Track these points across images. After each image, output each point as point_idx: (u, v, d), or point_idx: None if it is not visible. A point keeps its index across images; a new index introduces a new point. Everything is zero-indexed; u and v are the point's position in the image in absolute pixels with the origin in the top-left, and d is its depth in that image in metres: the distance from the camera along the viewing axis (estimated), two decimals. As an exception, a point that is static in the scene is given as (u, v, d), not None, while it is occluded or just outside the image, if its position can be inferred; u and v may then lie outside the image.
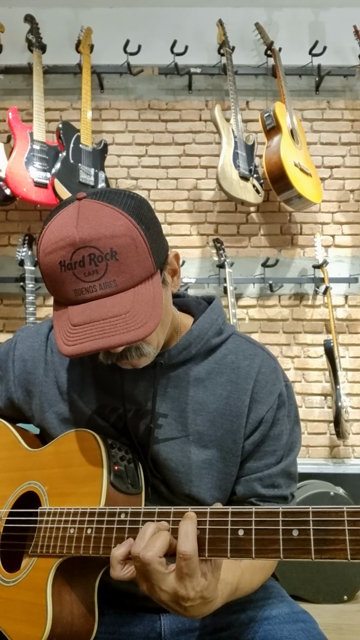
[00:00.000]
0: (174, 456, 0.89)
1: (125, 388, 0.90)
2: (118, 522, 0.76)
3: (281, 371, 0.96)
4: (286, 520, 0.64)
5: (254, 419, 0.90)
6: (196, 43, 2.82)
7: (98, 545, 0.76)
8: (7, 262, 2.83)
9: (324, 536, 0.61)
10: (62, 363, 0.95)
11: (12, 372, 0.98)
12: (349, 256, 2.89)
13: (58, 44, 2.82)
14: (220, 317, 0.96)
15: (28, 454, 0.94)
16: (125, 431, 0.91)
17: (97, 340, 0.71)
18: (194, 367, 0.92)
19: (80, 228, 0.73)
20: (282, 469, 0.91)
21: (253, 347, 0.96)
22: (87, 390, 0.93)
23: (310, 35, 2.91)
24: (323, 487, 2.37)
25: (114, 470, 0.83)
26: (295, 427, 0.94)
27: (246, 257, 2.89)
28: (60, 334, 0.75)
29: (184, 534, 0.67)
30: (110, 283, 0.73)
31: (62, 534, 0.80)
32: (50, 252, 0.74)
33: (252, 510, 0.66)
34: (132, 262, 0.74)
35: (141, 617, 0.94)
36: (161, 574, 0.66)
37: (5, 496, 0.92)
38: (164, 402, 0.90)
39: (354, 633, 2.04)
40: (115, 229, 0.73)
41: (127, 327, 0.72)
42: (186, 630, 0.92)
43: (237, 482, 0.92)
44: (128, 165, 2.91)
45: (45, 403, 0.95)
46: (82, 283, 0.73)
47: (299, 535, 0.62)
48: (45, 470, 0.90)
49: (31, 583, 0.81)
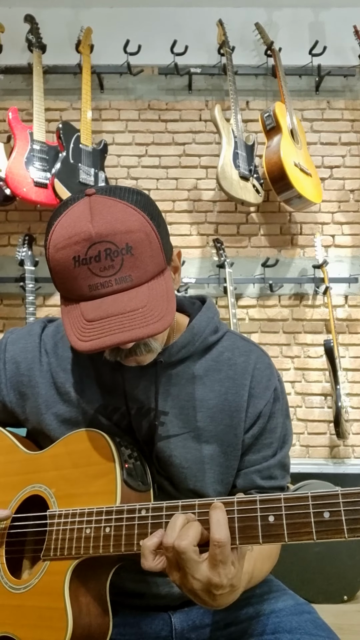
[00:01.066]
0: (177, 452, 0.90)
1: (127, 387, 0.90)
2: (139, 518, 0.76)
3: (274, 367, 0.99)
4: (317, 504, 0.67)
5: (253, 412, 0.92)
6: (196, 43, 2.82)
7: (119, 542, 0.76)
8: (7, 262, 2.83)
9: (355, 516, 0.65)
10: (59, 364, 0.94)
11: (4, 374, 0.96)
12: (349, 256, 2.89)
13: (58, 44, 2.82)
14: (216, 315, 0.98)
15: (28, 457, 0.93)
16: (129, 430, 0.91)
17: (118, 335, 0.72)
18: (192, 364, 0.93)
19: (96, 223, 0.73)
20: (278, 461, 0.94)
21: (247, 344, 0.99)
22: (88, 391, 0.93)
23: (310, 35, 2.91)
24: (323, 487, 2.37)
25: (125, 468, 0.83)
26: (286, 420, 0.98)
27: (246, 257, 2.89)
28: (73, 331, 0.75)
29: (216, 522, 0.68)
30: (126, 278, 0.73)
31: (77, 535, 0.80)
32: (63, 247, 0.74)
33: (280, 497, 0.69)
34: (147, 257, 0.75)
35: (152, 616, 0.94)
36: (195, 562, 0.67)
37: (6, 501, 0.90)
38: (165, 400, 0.91)
39: (354, 633, 2.04)
40: (130, 224, 0.73)
41: (146, 321, 0.73)
42: (197, 627, 0.94)
43: (237, 475, 0.94)
44: (128, 165, 2.91)
45: (43, 405, 0.93)
46: (98, 278, 0.73)
47: (331, 517, 0.66)
48: (50, 473, 0.88)
49: (46, 587, 0.80)
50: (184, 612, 0.95)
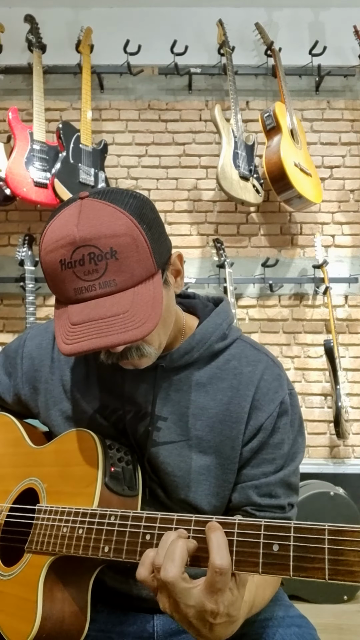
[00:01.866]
0: (171, 460, 0.89)
1: (126, 389, 0.90)
2: (107, 524, 0.76)
3: (286, 379, 0.94)
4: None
5: (253, 425, 0.89)
6: (196, 43, 2.82)
7: (88, 545, 0.77)
8: (7, 262, 2.83)
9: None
10: (67, 361, 0.96)
11: (21, 368, 0.99)
12: (349, 256, 2.89)
13: (58, 44, 2.82)
14: (226, 321, 0.94)
15: (31, 451, 0.96)
16: (124, 432, 0.91)
17: (94, 340, 0.71)
18: (196, 371, 0.91)
19: (81, 227, 0.72)
20: (280, 479, 0.89)
21: (257, 353, 0.94)
22: (90, 390, 0.93)
23: (310, 35, 2.91)
24: (323, 487, 2.37)
25: (110, 471, 0.83)
26: (298, 437, 0.92)
27: (246, 257, 2.89)
28: (60, 333, 0.75)
29: (217, 546, 0.63)
30: (110, 282, 0.73)
31: (55, 532, 0.81)
32: (51, 251, 0.74)
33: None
34: (133, 261, 0.73)
35: (135, 617, 0.94)
36: (186, 590, 0.63)
37: (8, 491, 0.94)
38: (164, 406, 0.90)
39: (354, 633, 2.04)
40: (116, 228, 0.72)
41: (125, 327, 0.72)
42: (179, 631, 0.92)
43: (233, 490, 0.90)
44: (128, 165, 2.91)
45: (50, 401, 0.96)
46: (82, 282, 0.73)
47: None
48: (45, 468, 0.91)
49: (25, 578, 0.82)
50: (167, 616, 0.93)
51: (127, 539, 0.73)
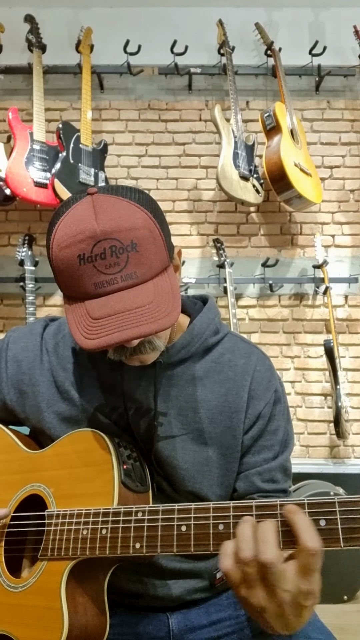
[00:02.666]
0: (176, 454, 0.90)
1: (126, 387, 0.90)
2: (135, 521, 0.76)
3: (274, 369, 0.99)
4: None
5: (252, 414, 0.92)
6: (196, 43, 2.82)
7: (115, 544, 0.76)
8: (7, 262, 2.83)
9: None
10: (59, 363, 0.95)
11: (5, 373, 0.97)
12: (349, 256, 2.89)
13: (58, 44, 2.82)
14: (217, 316, 0.98)
15: (28, 456, 0.93)
16: (127, 429, 0.91)
17: (126, 331, 0.71)
18: (192, 365, 0.93)
19: (100, 220, 0.73)
20: (279, 464, 0.93)
21: (248, 346, 0.99)
22: (87, 390, 0.93)
23: (310, 35, 2.91)
24: (323, 487, 2.37)
25: (124, 469, 0.82)
26: (287, 424, 0.97)
27: (246, 257, 2.89)
28: (79, 329, 0.74)
29: (305, 528, 0.63)
30: (132, 275, 0.73)
31: (74, 535, 0.79)
32: (67, 246, 0.74)
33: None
34: (151, 254, 0.75)
35: (150, 617, 0.94)
36: (283, 573, 0.62)
37: (6, 500, 0.90)
38: (164, 401, 0.91)
39: (354, 633, 2.04)
40: (135, 221, 0.74)
41: (154, 317, 0.72)
42: (194, 628, 0.93)
43: (237, 479, 0.93)
44: (128, 165, 2.91)
45: (43, 403, 0.94)
46: (103, 276, 0.73)
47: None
48: (49, 472, 0.88)
49: (43, 587, 0.80)
50: (182, 613, 0.95)
51: (160, 534, 0.74)
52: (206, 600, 0.97)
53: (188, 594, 0.94)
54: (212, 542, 0.70)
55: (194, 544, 0.71)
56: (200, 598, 0.96)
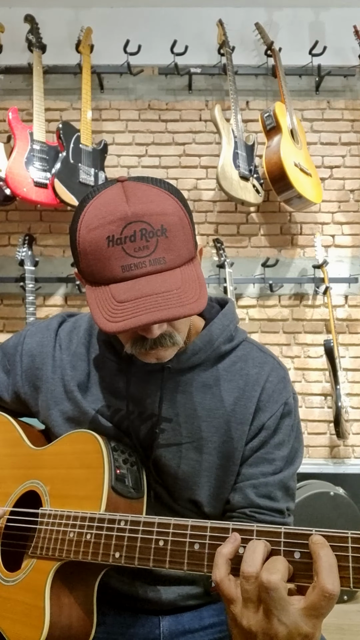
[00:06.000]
0: (175, 462, 0.88)
1: (131, 390, 0.89)
2: (117, 529, 0.75)
3: (289, 382, 0.94)
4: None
5: (256, 425, 0.88)
6: (196, 43, 2.82)
7: (97, 551, 0.76)
8: (7, 262, 2.83)
9: None
10: (69, 361, 0.94)
11: (20, 366, 0.97)
12: (349, 256, 2.89)
13: (58, 44, 2.82)
14: (232, 323, 0.94)
15: (31, 452, 0.93)
16: (128, 433, 0.90)
17: (154, 313, 0.69)
18: (202, 372, 0.90)
19: (132, 203, 0.73)
20: (279, 480, 0.87)
21: (264, 355, 0.94)
22: (92, 390, 0.92)
23: (310, 35, 2.91)
24: (323, 487, 2.37)
25: (116, 473, 0.81)
26: (297, 442, 0.92)
27: (246, 257, 2.89)
28: (102, 312, 0.72)
29: (328, 567, 0.57)
30: (160, 260, 0.73)
31: (61, 537, 0.79)
32: (96, 227, 0.73)
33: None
34: (179, 241, 0.74)
35: (141, 619, 0.93)
36: (285, 603, 0.57)
37: (8, 494, 0.91)
38: (169, 407, 0.89)
39: (354, 633, 2.04)
40: (165, 206, 0.74)
41: (182, 301, 0.71)
42: (186, 631, 0.92)
43: (232, 490, 0.89)
44: (128, 165, 2.91)
45: (51, 400, 0.93)
46: (131, 258, 0.72)
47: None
48: (47, 470, 0.89)
49: (30, 584, 0.81)
50: (174, 617, 0.93)
51: (139, 545, 0.72)
52: (200, 606, 0.95)
53: (182, 600, 0.93)
54: (186, 561, 0.68)
55: (169, 560, 0.69)
56: (194, 604, 0.95)
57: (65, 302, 2.88)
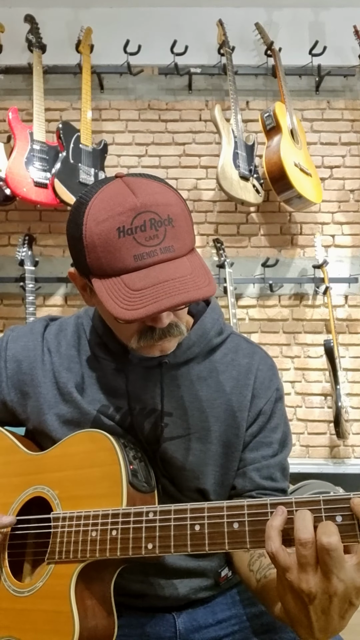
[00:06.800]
0: (180, 454, 0.90)
1: (130, 387, 0.90)
2: (146, 521, 0.75)
3: (276, 369, 1.00)
4: None
5: (254, 411, 0.93)
6: (196, 43, 2.82)
7: (126, 545, 0.76)
8: (7, 262, 2.83)
9: None
10: (61, 363, 0.93)
11: (5, 372, 0.95)
12: (349, 256, 2.89)
13: (58, 44, 2.82)
14: (221, 317, 0.98)
15: (30, 458, 0.91)
16: (131, 430, 0.91)
17: (174, 297, 0.71)
18: (196, 365, 0.93)
19: (139, 195, 0.75)
20: (279, 462, 0.93)
21: (251, 346, 1.00)
22: (89, 391, 0.92)
23: (310, 35, 2.91)
24: (323, 487, 2.37)
25: (131, 469, 0.82)
26: (286, 425, 0.98)
27: (246, 257, 2.89)
28: (117, 302, 0.73)
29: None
30: (170, 248, 0.75)
31: (82, 537, 0.79)
32: (105, 220, 0.74)
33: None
34: (184, 231, 0.77)
35: (156, 617, 0.94)
36: (343, 561, 0.62)
37: (8, 503, 0.88)
38: (168, 401, 0.90)
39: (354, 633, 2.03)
40: (169, 198, 0.76)
41: (197, 285, 0.73)
42: (201, 627, 0.94)
43: (236, 475, 0.93)
44: (128, 165, 2.91)
45: (45, 405, 0.92)
46: (143, 247, 0.73)
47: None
48: (52, 474, 0.87)
49: (51, 591, 0.79)
50: (188, 613, 0.95)
51: (173, 533, 0.73)
52: (212, 599, 0.98)
53: (194, 593, 0.95)
54: (227, 541, 0.71)
55: (209, 542, 0.72)
56: (206, 597, 0.97)
57: (65, 302, 2.88)
